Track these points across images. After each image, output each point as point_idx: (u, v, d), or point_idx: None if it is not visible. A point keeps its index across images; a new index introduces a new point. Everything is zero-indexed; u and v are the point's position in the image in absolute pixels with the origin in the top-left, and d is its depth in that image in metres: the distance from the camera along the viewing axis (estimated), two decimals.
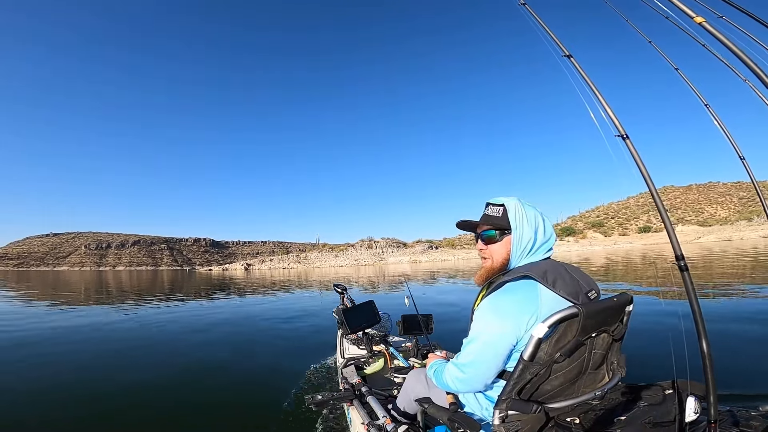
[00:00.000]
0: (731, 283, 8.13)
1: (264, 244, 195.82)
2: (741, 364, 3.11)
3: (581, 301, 1.15)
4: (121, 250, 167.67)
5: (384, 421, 1.61)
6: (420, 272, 20.92)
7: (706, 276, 9.58)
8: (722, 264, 13.27)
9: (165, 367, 4.19)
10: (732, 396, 2.34)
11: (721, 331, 4.09)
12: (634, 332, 1.44)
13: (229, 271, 44.92)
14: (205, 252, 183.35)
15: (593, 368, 1.21)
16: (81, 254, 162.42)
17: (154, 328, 6.66)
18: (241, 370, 4.00)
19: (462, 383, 1.26)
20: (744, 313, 5.07)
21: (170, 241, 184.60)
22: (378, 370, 2.41)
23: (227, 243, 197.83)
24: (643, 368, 2.19)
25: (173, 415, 2.89)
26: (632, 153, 1.35)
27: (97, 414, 2.92)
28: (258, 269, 44.04)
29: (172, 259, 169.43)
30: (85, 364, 4.37)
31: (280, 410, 2.75)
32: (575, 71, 1.53)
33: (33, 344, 5.43)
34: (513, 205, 1.28)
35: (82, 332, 6.34)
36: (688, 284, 1.24)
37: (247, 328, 6.49)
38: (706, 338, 1.22)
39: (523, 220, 1.26)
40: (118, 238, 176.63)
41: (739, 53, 0.96)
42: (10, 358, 4.63)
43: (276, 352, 4.78)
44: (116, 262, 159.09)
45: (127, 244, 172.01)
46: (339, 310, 2.63)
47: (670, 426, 1.14)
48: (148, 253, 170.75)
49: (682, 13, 1.17)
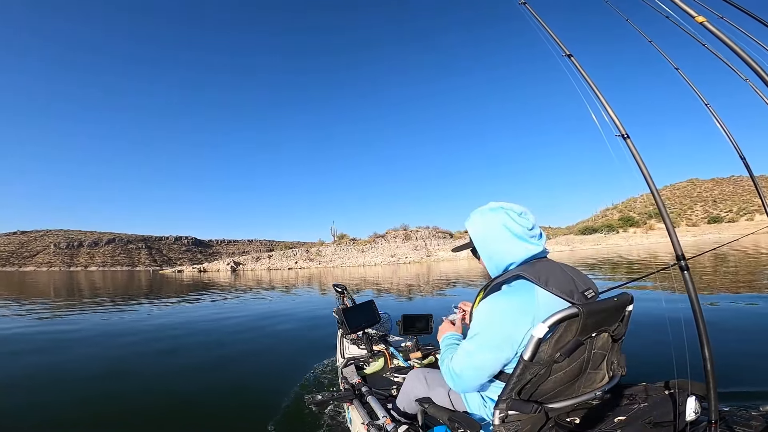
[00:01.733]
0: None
1: (250, 243, 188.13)
2: (741, 363, 3.11)
3: (577, 300, 1.15)
4: (94, 249, 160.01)
5: (384, 420, 1.61)
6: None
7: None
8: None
9: (164, 367, 4.19)
10: (732, 395, 2.33)
11: (721, 330, 4.09)
12: (635, 332, 1.44)
13: (209, 272, 30.47)
14: (187, 251, 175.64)
15: (593, 368, 1.21)
16: (50, 253, 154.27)
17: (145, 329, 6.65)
18: (240, 370, 4.00)
19: (457, 383, 1.26)
20: (745, 312, 5.07)
21: (149, 239, 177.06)
22: (378, 370, 2.41)
23: (211, 242, 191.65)
24: (643, 368, 2.18)
25: (173, 415, 2.89)
26: (633, 153, 1.36)
27: (95, 416, 2.93)
28: (251, 270, 30.96)
29: (151, 258, 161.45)
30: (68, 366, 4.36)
31: (280, 410, 2.75)
32: (576, 71, 1.53)
33: None
34: (472, 223, 1.35)
35: None
36: (689, 284, 1.24)
37: (246, 327, 6.48)
38: (706, 338, 1.22)
39: (480, 236, 1.32)
40: (92, 236, 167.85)
41: (740, 53, 0.96)
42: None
43: (276, 352, 4.78)
44: (88, 261, 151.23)
45: (101, 243, 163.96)
46: (339, 309, 2.63)
47: (670, 426, 1.14)
48: (124, 252, 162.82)
49: (683, 13, 1.17)
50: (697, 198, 68.02)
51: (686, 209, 64.62)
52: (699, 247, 18.68)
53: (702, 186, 71.74)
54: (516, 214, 1.28)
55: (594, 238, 41.40)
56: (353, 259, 33.35)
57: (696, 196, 68.70)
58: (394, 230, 39.32)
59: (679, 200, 68.82)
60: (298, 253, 35.76)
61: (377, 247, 36.53)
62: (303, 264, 32.70)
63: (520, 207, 1.31)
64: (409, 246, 36.20)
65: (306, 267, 31.46)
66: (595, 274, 11.44)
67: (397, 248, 35.65)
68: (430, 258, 32.03)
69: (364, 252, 35.52)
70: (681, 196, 70.67)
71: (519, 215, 1.28)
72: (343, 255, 34.90)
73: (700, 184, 72.91)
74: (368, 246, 37.02)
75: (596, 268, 14.09)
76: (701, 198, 67.42)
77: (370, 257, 33.58)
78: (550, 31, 1.65)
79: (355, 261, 32.73)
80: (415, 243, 36.82)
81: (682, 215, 61.92)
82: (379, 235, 39.04)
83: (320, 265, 31.71)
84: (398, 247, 35.93)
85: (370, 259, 32.79)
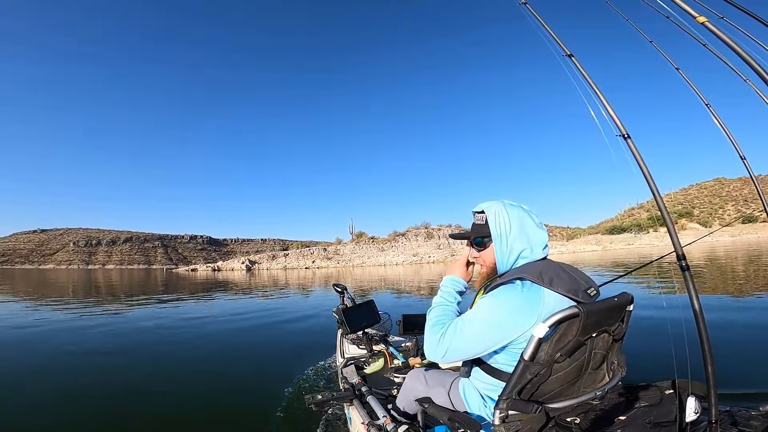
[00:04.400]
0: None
1: (264, 242, 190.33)
2: (742, 363, 3.11)
3: (582, 298, 1.14)
4: (111, 248, 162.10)
5: (384, 420, 1.61)
6: None
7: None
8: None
9: (164, 368, 4.18)
10: (733, 396, 2.33)
11: (722, 330, 4.09)
12: (635, 332, 1.44)
13: (223, 271, 30.17)
14: (202, 249, 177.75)
15: (593, 368, 1.21)
16: (69, 251, 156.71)
17: (148, 329, 6.65)
18: (240, 370, 4.00)
19: (439, 356, 1.21)
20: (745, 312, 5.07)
21: (165, 238, 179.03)
22: (378, 370, 2.41)
23: (225, 240, 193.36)
24: (643, 368, 2.19)
25: (172, 416, 2.89)
26: (633, 153, 1.36)
27: (91, 417, 2.92)
28: (267, 269, 30.24)
29: (167, 257, 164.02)
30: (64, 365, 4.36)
31: (280, 410, 2.75)
32: (576, 71, 1.53)
33: None
34: (493, 210, 1.29)
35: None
36: (689, 284, 1.24)
37: (246, 328, 6.48)
38: (707, 338, 1.22)
39: (502, 224, 1.26)
40: (109, 235, 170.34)
41: (741, 53, 0.96)
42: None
43: (275, 352, 4.79)
44: (106, 260, 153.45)
45: (119, 241, 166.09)
46: (339, 309, 2.63)
47: (670, 426, 1.14)
48: (141, 251, 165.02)
49: (683, 13, 1.17)
50: (726, 197, 65.11)
51: (717, 208, 61.31)
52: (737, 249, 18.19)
53: (730, 185, 68.52)
54: (529, 211, 1.30)
55: (624, 238, 40.65)
56: (373, 258, 32.06)
57: (725, 195, 65.79)
58: (415, 228, 37.38)
59: (708, 199, 65.77)
60: (315, 251, 34.46)
61: (398, 246, 35.03)
62: (321, 263, 31.51)
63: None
64: (431, 245, 34.69)
65: (324, 266, 30.27)
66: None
67: (419, 247, 34.07)
68: (455, 257, 29.04)
69: (384, 251, 34.14)
70: (710, 195, 67.34)
71: (531, 212, 1.29)
72: (363, 254, 33.57)
73: (728, 183, 69.47)
74: (388, 245, 35.49)
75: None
76: (731, 197, 64.47)
77: (391, 256, 32.17)
78: (551, 31, 1.65)
79: (376, 260, 31.42)
80: (437, 242, 35.13)
81: (714, 215, 58.96)
82: (400, 233, 37.23)
83: (339, 265, 30.88)
84: (420, 246, 34.29)
85: (391, 258, 31.42)
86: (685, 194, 69.90)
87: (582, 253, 30.62)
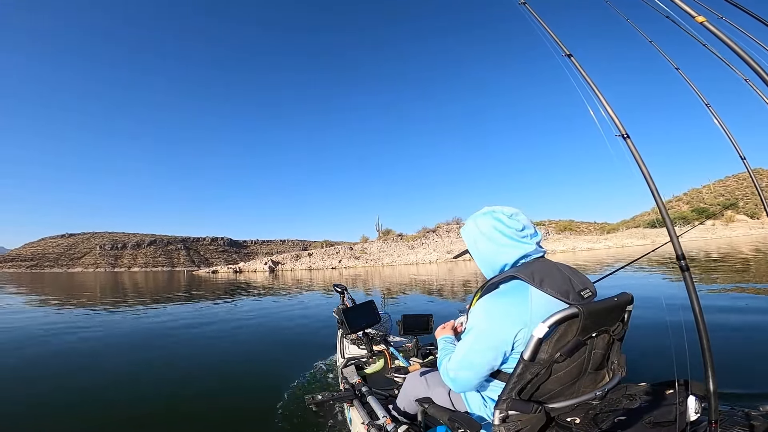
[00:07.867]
0: None
1: (283, 243, 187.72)
2: (742, 363, 3.11)
3: (573, 299, 1.15)
4: (136, 251, 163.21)
5: (384, 421, 1.61)
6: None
7: None
8: None
9: (162, 368, 4.18)
10: (733, 396, 2.33)
11: (722, 330, 4.08)
12: (635, 332, 1.44)
13: (245, 272, 28.21)
14: (223, 251, 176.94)
15: (593, 368, 1.21)
16: (96, 255, 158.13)
17: (155, 330, 6.65)
18: (240, 370, 3.99)
19: (454, 383, 1.28)
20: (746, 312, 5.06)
21: (187, 240, 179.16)
22: (378, 370, 2.41)
23: (245, 242, 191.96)
24: (643, 368, 2.19)
25: (171, 416, 2.89)
26: (633, 152, 1.36)
27: (89, 415, 2.92)
28: (290, 270, 27.97)
29: (189, 259, 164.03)
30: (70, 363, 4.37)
31: (280, 410, 2.75)
32: (576, 71, 1.53)
33: None
34: (465, 228, 1.40)
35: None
36: (689, 284, 1.24)
37: (245, 327, 6.48)
38: (707, 338, 1.22)
39: (471, 238, 1.36)
40: (134, 238, 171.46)
41: (740, 53, 0.96)
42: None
43: (276, 352, 4.78)
44: (131, 262, 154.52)
45: (143, 244, 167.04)
46: (339, 309, 2.63)
47: (670, 426, 1.14)
48: (165, 254, 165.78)
49: (683, 13, 1.16)
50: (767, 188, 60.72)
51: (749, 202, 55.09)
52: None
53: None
54: (506, 216, 1.31)
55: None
56: (403, 257, 29.27)
57: (765, 186, 60.24)
58: (446, 224, 34.78)
59: (751, 190, 56.73)
60: (341, 250, 31.93)
61: (428, 243, 32.52)
62: (348, 263, 28.87)
63: (511, 209, 1.34)
64: None
65: (351, 266, 27.85)
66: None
67: (451, 244, 31.07)
68: None
69: (414, 249, 31.57)
70: (750, 186, 57.73)
71: (509, 217, 1.30)
72: (392, 252, 31.03)
73: (767, 173, 59.72)
74: (418, 242, 33.06)
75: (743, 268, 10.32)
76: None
77: (422, 254, 29.34)
78: (550, 30, 1.64)
79: (406, 259, 28.66)
80: None
81: (760, 206, 54.83)
82: (429, 229, 34.75)
83: (367, 264, 28.31)
84: (453, 243, 31.20)
85: (423, 257, 28.63)
86: (723, 186, 64.10)
87: (631, 248, 27.95)
